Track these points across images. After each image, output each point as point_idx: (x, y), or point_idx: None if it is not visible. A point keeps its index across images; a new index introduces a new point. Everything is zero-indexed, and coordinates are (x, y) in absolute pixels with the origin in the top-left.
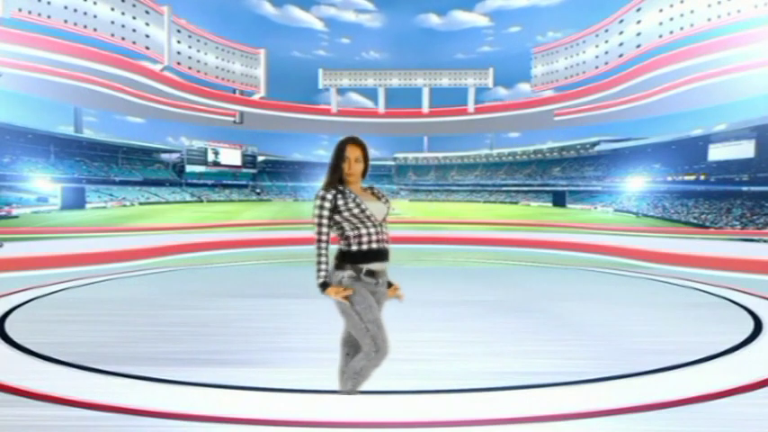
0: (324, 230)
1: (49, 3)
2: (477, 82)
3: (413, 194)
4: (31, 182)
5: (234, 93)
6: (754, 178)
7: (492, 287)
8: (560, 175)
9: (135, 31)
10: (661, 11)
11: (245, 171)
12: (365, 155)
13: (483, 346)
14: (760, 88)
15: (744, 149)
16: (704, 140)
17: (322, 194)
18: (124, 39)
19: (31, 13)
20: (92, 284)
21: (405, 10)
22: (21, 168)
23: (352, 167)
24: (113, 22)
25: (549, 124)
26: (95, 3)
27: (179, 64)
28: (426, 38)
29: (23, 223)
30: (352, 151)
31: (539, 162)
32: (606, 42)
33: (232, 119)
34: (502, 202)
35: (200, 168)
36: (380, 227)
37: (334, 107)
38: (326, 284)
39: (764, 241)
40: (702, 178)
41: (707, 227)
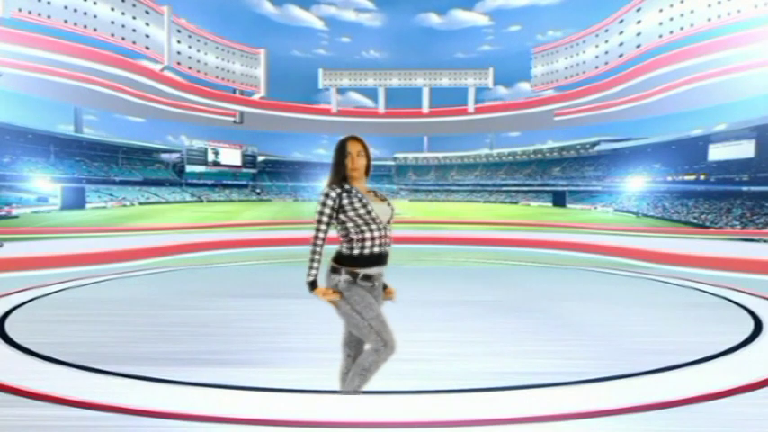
0: (323, 228)
1: (49, 3)
2: (477, 82)
3: (413, 194)
4: (31, 182)
5: (234, 93)
6: (754, 178)
7: (492, 287)
8: (560, 175)
9: (135, 31)
10: (661, 11)
11: (245, 171)
12: (366, 151)
13: (483, 346)
14: (760, 88)
15: (744, 149)
16: (704, 140)
17: (327, 192)
18: (124, 39)
19: (31, 13)
20: (92, 284)
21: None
22: (21, 168)
23: (355, 162)
24: (113, 22)
25: (549, 124)
26: (95, 3)
27: (179, 64)
28: (426, 37)
29: (23, 223)
30: (353, 146)
31: (539, 162)
32: (606, 42)
33: (232, 119)
34: (502, 202)
35: (200, 168)
36: (385, 230)
37: (334, 107)
38: (315, 284)
39: (764, 241)
40: (702, 178)
41: (707, 227)
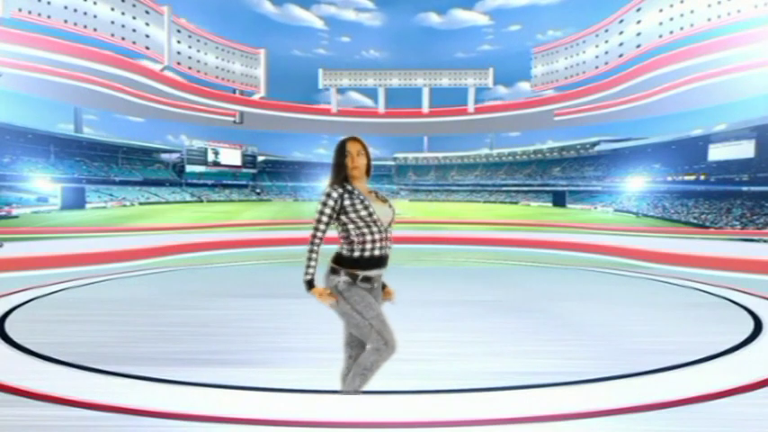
0: (321, 228)
1: (49, 3)
2: (477, 82)
3: (413, 194)
4: (31, 182)
5: (234, 93)
6: (754, 178)
7: (492, 287)
8: (560, 175)
9: (135, 31)
10: (661, 11)
11: (245, 171)
12: (366, 150)
13: (483, 346)
14: (760, 88)
15: (744, 149)
16: (704, 140)
17: (328, 192)
18: (124, 39)
19: (31, 13)
20: (92, 284)
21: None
22: (21, 168)
23: (355, 160)
24: (113, 22)
25: (549, 124)
26: (95, 3)
27: (179, 64)
28: (426, 36)
29: (23, 223)
30: (353, 146)
31: (539, 162)
32: (606, 42)
33: (232, 119)
34: (502, 202)
35: (200, 168)
36: (386, 232)
37: (334, 107)
38: (312, 283)
39: (764, 241)
40: (702, 178)
41: (707, 227)
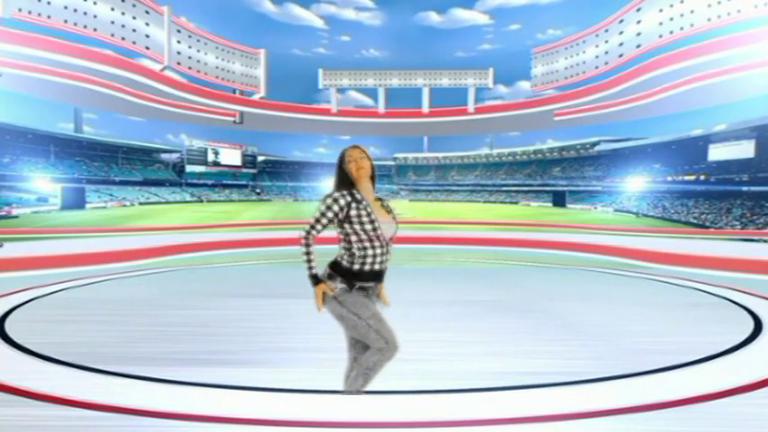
0: (318, 228)
1: (49, 3)
2: (477, 82)
3: (413, 194)
4: (31, 182)
5: (234, 93)
6: (754, 178)
7: (492, 287)
8: (560, 175)
9: (135, 31)
10: (661, 11)
11: (245, 171)
12: (367, 154)
13: (483, 346)
14: (760, 88)
15: (744, 149)
16: (704, 140)
17: (336, 197)
18: (124, 39)
19: (31, 13)
20: (92, 284)
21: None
22: (21, 168)
23: (359, 162)
24: (113, 22)
25: (549, 124)
26: (95, 3)
27: (179, 64)
28: (426, 36)
29: (23, 223)
30: (354, 152)
31: (539, 162)
32: (606, 42)
33: (232, 119)
34: (502, 202)
35: (200, 168)
36: (387, 246)
37: (334, 107)
38: (318, 277)
39: (764, 241)
40: (702, 178)
41: (707, 227)
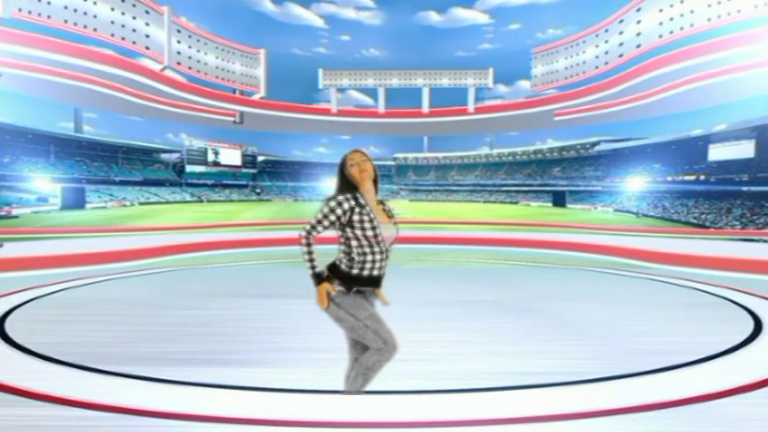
0: (319, 229)
1: (49, 3)
2: (477, 82)
3: (413, 194)
4: (31, 182)
5: (234, 93)
6: (754, 178)
7: (492, 287)
8: (560, 175)
9: (135, 31)
10: (661, 11)
11: (245, 171)
12: (368, 157)
13: (483, 346)
14: (760, 88)
15: (744, 149)
16: (704, 140)
17: (340, 200)
18: (124, 39)
19: (31, 13)
20: (92, 284)
21: (405, 7)
22: (21, 168)
23: (362, 165)
24: (113, 22)
25: (549, 124)
26: (95, 3)
27: (179, 64)
28: (426, 35)
29: (23, 223)
30: (356, 156)
31: (539, 162)
32: (606, 42)
33: (232, 119)
34: (502, 202)
35: (200, 168)
36: (386, 252)
37: (334, 107)
38: (321, 276)
39: (764, 241)
40: (702, 178)
41: (707, 227)
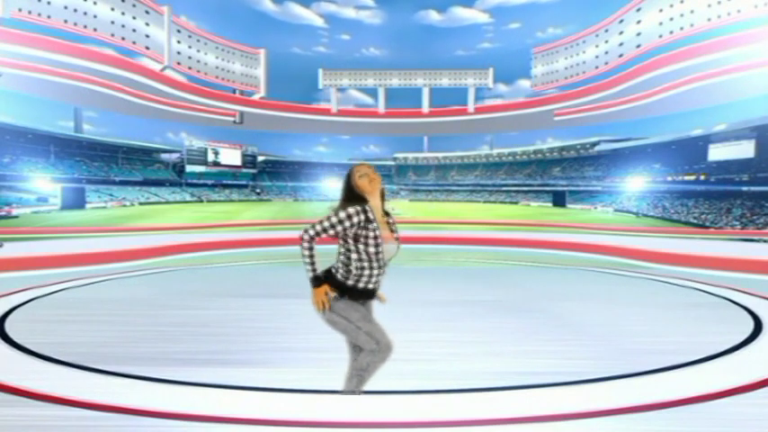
0: (323, 235)
1: (49, 3)
2: (477, 82)
3: (413, 194)
4: (31, 182)
5: (234, 93)
6: (754, 178)
7: (492, 287)
8: (560, 175)
9: (135, 31)
10: (661, 11)
11: (245, 171)
12: (376, 172)
13: (483, 346)
14: (760, 88)
15: (744, 149)
16: (704, 140)
17: (351, 212)
18: (124, 39)
19: (31, 13)
20: (92, 284)
21: (405, 7)
22: (21, 168)
23: (371, 176)
24: (113, 22)
25: (549, 124)
26: (95, 3)
27: (179, 64)
28: (426, 34)
29: (23, 223)
30: (364, 167)
31: (539, 162)
32: (606, 42)
33: (232, 119)
34: (502, 202)
35: (201, 168)
36: (384, 267)
37: (334, 107)
38: (320, 279)
39: (764, 241)
40: (702, 178)
41: (707, 227)
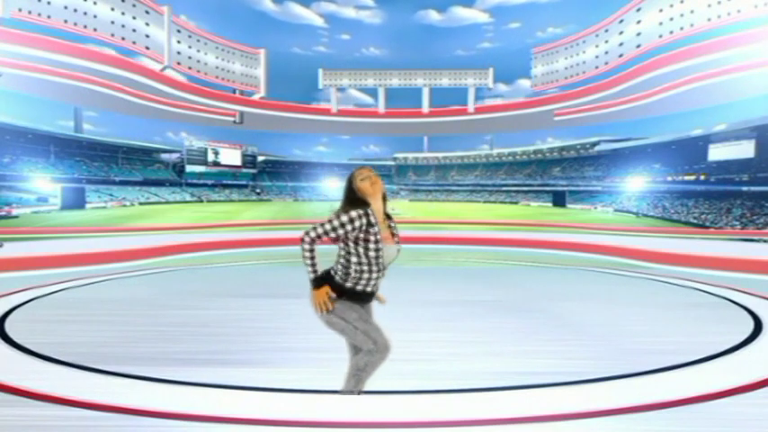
0: (324, 238)
1: (49, 3)
2: (477, 82)
3: (413, 194)
4: (31, 182)
5: (234, 93)
6: (754, 178)
7: (492, 287)
8: (560, 175)
9: (135, 31)
10: (661, 11)
11: (245, 171)
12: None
13: (483, 346)
14: (760, 88)
15: (744, 149)
16: (704, 140)
17: (353, 216)
18: (124, 39)
19: (31, 13)
20: (92, 284)
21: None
22: (21, 168)
23: (374, 178)
24: (113, 22)
25: (549, 124)
26: (95, 3)
27: (179, 64)
28: (426, 34)
29: (23, 223)
30: (365, 170)
31: (539, 162)
32: (606, 42)
33: (232, 119)
34: (502, 202)
35: (200, 168)
36: (383, 271)
37: (334, 107)
38: (320, 281)
39: (764, 241)
40: (702, 178)
41: (707, 227)
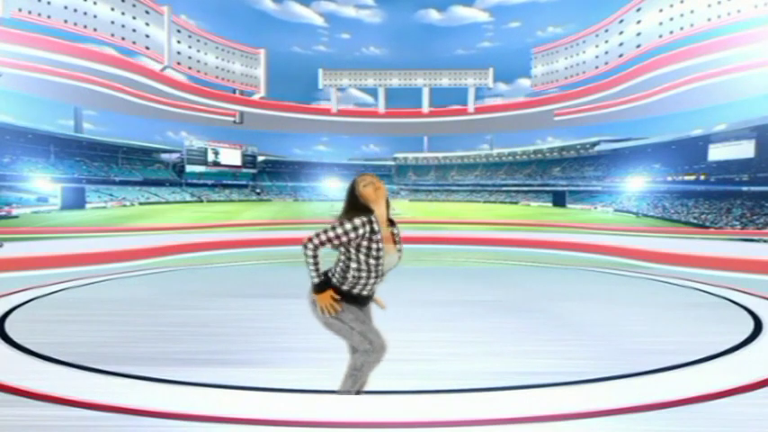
0: (327, 246)
1: (49, 3)
2: (477, 82)
3: (413, 194)
4: (31, 182)
5: (234, 93)
6: (754, 178)
7: (492, 287)
8: (560, 175)
9: (135, 31)
10: (661, 11)
11: (245, 171)
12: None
13: (483, 346)
14: (760, 88)
15: (744, 149)
16: (704, 140)
17: (357, 224)
18: (124, 39)
19: (31, 13)
20: (92, 284)
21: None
22: (21, 168)
23: (377, 184)
24: (113, 22)
25: (549, 124)
26: (95, 3)
27: (179, 64)
28: (426, 33)
29: (23, 223)
30: (368, 176)
31: (539, 162)
32: (606, 42)
33: (232, 119)
34: (502, 202)
35: (200, 168)
36: (382, 276)
37: (334, 107)
38: (323, 285)
39: (764, 241)
40: (702, 178)
41: (707, 227)
